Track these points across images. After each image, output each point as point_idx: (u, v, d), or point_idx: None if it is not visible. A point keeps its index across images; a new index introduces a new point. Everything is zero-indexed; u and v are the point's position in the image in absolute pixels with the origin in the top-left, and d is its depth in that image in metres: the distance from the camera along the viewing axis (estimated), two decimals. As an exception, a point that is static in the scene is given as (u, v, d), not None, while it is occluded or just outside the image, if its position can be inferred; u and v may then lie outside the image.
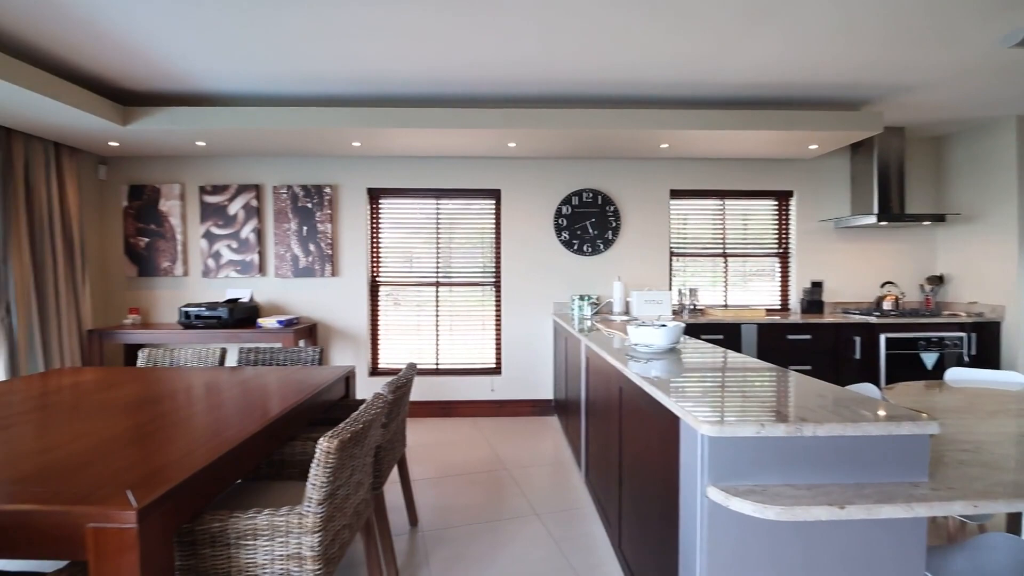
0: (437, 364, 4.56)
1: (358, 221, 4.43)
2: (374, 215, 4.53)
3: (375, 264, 4.55)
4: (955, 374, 2.56)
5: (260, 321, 4.02)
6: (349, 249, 4.43)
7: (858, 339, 3.94)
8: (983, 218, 4.19)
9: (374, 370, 4.53)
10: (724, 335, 3.93)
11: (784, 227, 4.65)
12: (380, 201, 4.53)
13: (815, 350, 3.95)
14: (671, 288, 4.56)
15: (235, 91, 3.48)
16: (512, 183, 4.47)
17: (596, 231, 4.46)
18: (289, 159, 4.40)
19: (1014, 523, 2.00)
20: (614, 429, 2.26)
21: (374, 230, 4.54)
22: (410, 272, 4.56)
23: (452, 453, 3.59)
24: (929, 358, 3.95)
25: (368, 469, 1.77)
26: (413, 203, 4.54)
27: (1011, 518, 2.00)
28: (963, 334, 3.96)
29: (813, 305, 4.42)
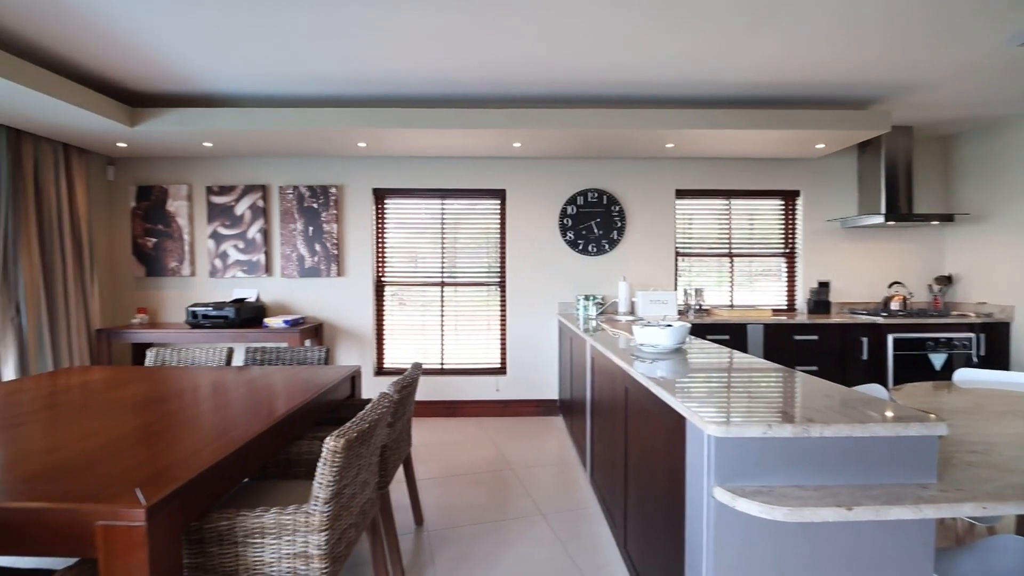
0: (442, 364, 4.57)
1: (363, 221, 4.44)
2: (379, 215, 4.54)
3: (380, 264, 4.56)
4: (964, 375, 2.54)
5: (266, 321, 4.04)
6: (355, 249, 4.45)
7: (865, 340, 3.92)
8: (992, 218, 4.16)
9: (379, 370, 4.55)
10: (730, 335, 3.91)
11: (791, 227, 4.63)
12: (385, 201, 4.54)
13: (822, 351, 3.93)
14: (676, 288, 4.55)
15: (241, 92, 3.50)
16: (517, 183, 4.47)
17: (601, 231, 4.46)
18: (295, 159, 4.42)
19: (1024, 525, 1.98)
20: (619, 429, 2.26)
21: (379, 230, 4.55)
22: (415, 272, 4.57)
23: (457, 453, 3.60)
24: (937, 359, 3.92)
25: (374, 468, 1.78)
26: (418, 203, 4.55)
27: (1021, 520, 1.98)
28: (972, 335, 3.93)
29: (820, 305, 4.40)
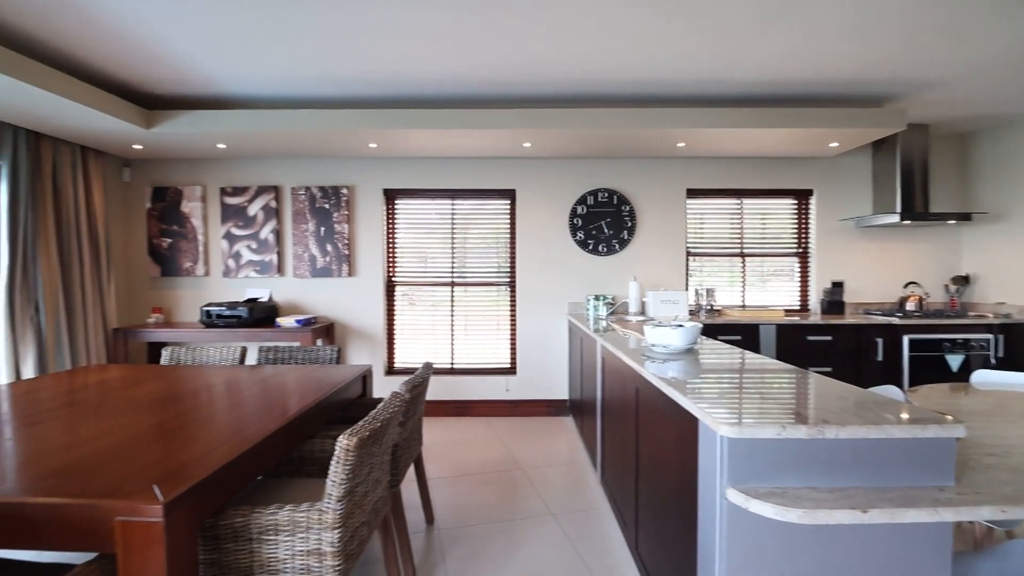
0: (452, 364, 4.58)
1: (374, 221, 4.47)
2: (390, 215, 4.57)
3: (391, 264, 4.59)
4: (982, 376, 2.50)
5: (279, 320, 4.08)
6: (365, 249, 4.47)
7: (880, 340, 3.87)
8: (1011, 217, 4.08)
9: (390, 369, 4.57)
10: (742, 336, 3.88)
11: (804, 226, 4.58)
12: (396, 202, 4.56)
13: (836, 351, 3.88)
14: (687, 288, 4.52)
15: (254, 94, 3.54)
16: (527, 183, 4.47)
17: (611, 231, 4.44)
18: (307, 160, 4.46)
19: (1044, 530, 1.95)
20: (630, 430, 2.25)
21: (390, 230, 4.58)
22: (425, 272, 4.59)
23: (467, 452, 3.61)
24: (954, 360, 3.86)
25: (386, 467, 1.79)
26: (428, 203, 4.56)
27: (1041, 525, 1.95)
28: (990, 335, 3.86)
29: (834, 306, 4.34)
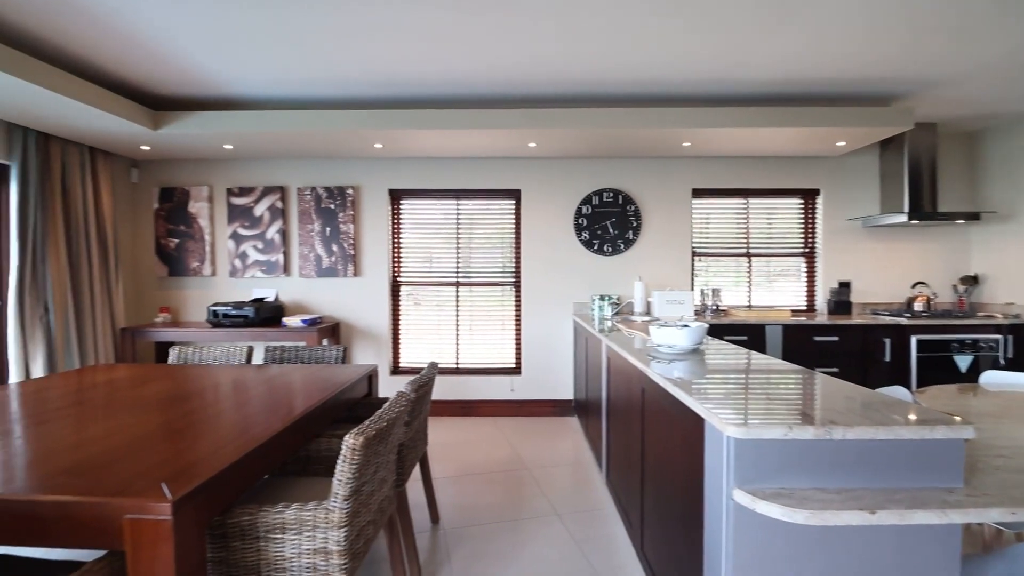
0: (457, 364, 4.59)
1: (380, 222, 4.48)
2: (395, 216, 4.58)
3: (396, 264, 4.60)
4: (990, 377, 2.48)
5: (285, 320, 4.10)
6: (371, 249, 4.49)
7: (888, 341, 3.84)
8: (1020, 216, 4.05)
9: (395, 369, 4.58)
10: (748, 336, 3.86)
11: (810, 226, 4.55)
12: (401, 202, 4.57)
13: (843, 352, 3.86)
14: (693, 288, 4.51)
15: (260, 95, 3.56)
16: (532, 183, 4.47)
17: (616, 231, 4.43)
18: (313, 161, 4.48)
19: (1054, 532, 1.93)
20: (636, 430, 2.25)
21: (395, 230, 4.59)
22: (430, 272, 4.60)
23: (472, 452, 3.61)
24: (963, 361, 3.83)
25: (391, 466, 1.79)
26: (434, 204, 4.57)
27: (1051, 527, 1.93)
28: (999, 336, 3.83)
29: (840, 306, 4.32)
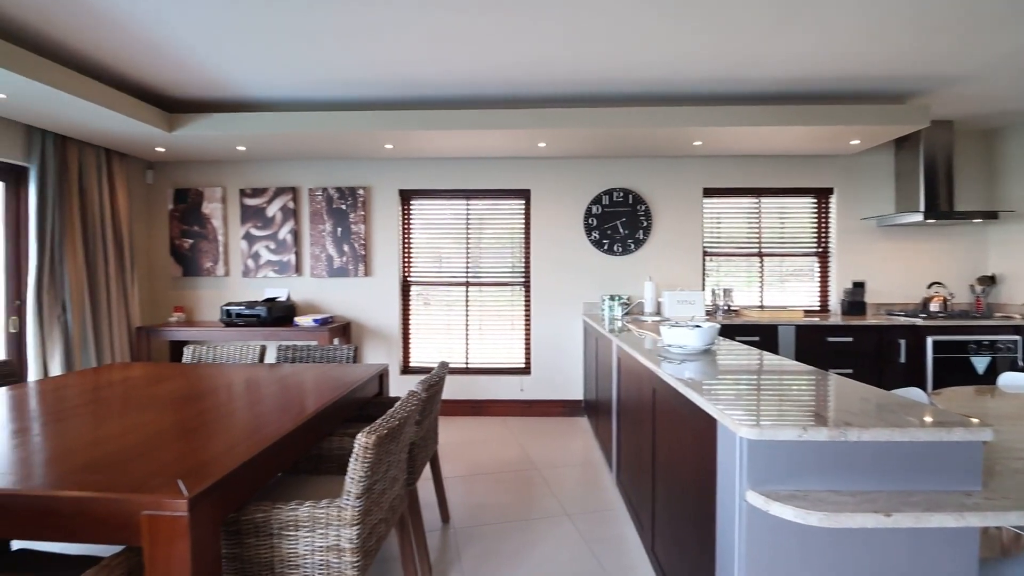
0: (467, 363, 4.60)
1: (390, 222, 4.50)
2: (405, 216, 4.60)
3: (406, 264, 4.62)
4: (1008, 379, 2.44)
5: (297, 320, 4.14)
6: (381, 249, 4.51)
7: (903, 342, 3.79)
8: (1040, 215, 3.98)
9: (405, 368, 4.60)
10: (760, 337, 3.83)
11: (824, 226, 4.50)
12: (411, 202, 4.59)
13: (857, 353, 3.81)
14: (704, 288, 4.48)
15: (273, 97, 3.60)
16: (542, 183, 4.47)
17: (627, 231, 4.42)
18: (324, 162, 4.51)
19: (1075, 537, 1.90)
20: (647, 431, 2.24)
21: (405, 231, 4.61)
22: (440, 272, 4.61)
23: (482, 452, 3.62)
24: (980, 362, 3.77)
25: (403, 465, 1.80)
26: (443, 204, 4.59)
27: (1072, 532, 1.90)
28: (1017, 337, 3.76)
29: (854, 306, 4.27)
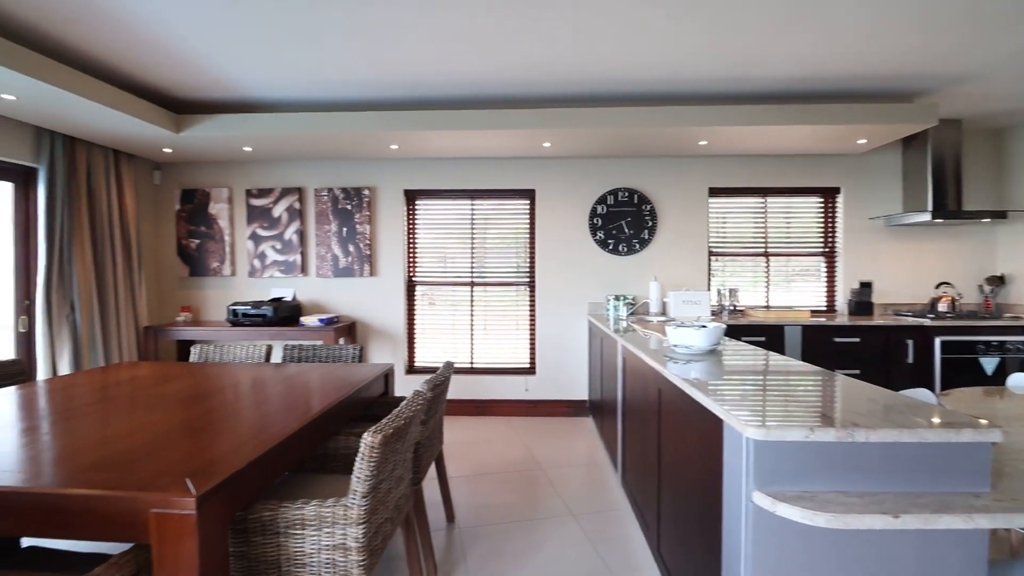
0: (472, 363, 4.60)
1: (395, 222, 4.52)
2: (411, 216, 4.61)
3: (411, 264, 4.63)
4: (1018, 380, 2.41)
5: (302, 319, 4.16)
6: (386, 249, 4.52)
7: (911, 342, 3.76)
8: (1050, 214, 3.94)
9: (410, 368, 4.61)
10: (766, 337, 3.81)
11: (830, 225, 4.48)
12: (416, 202, 4.60)
13: (864, 353, 3.79)
14: (709, 288, 4.47)
15: (279, 98, 3.61)
16: (547, 183, 4.47)
17: (632, 230, 4.41)
18: (330, 162, 4.53)
19: (1086, 540, 1.88)
20: (652, 431, 2.24)
21: (410, 231, 4.62)
22: (445, 272, 4.62)
23: (487, 451, 3.62)
24: (989, 363, 3.73)
25: (408, 465, 1.81)
26: (448, 204, 4.59)
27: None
28: (1027, 338, 3.73)
29: (862, 306, 4.24)
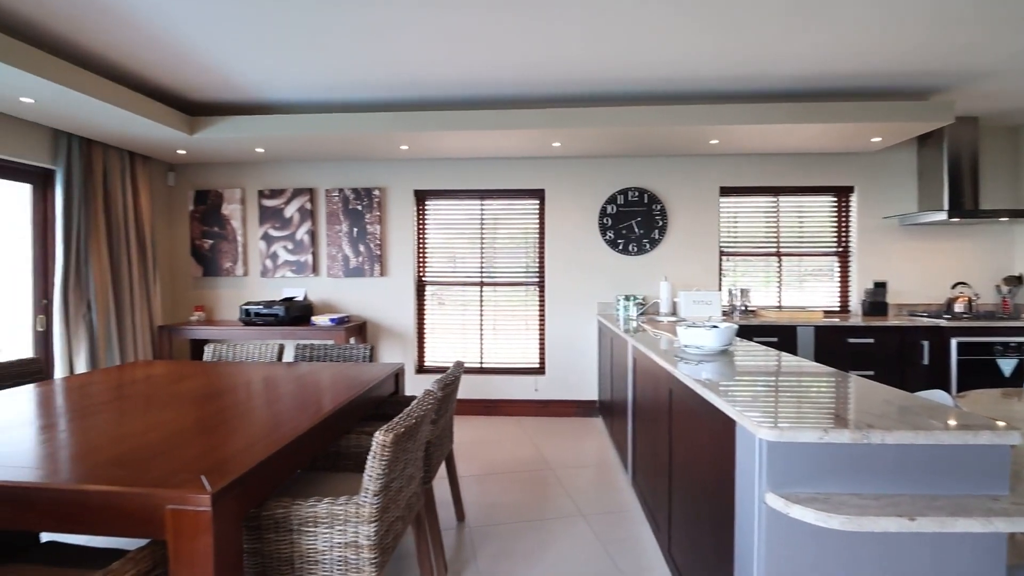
0: (481, 363, 4.61)
1: (405, 222, 4.54)
2: (420, 216, 4.63)
3: (421, 264, 4.65)
4: (1038, 382, 2.37)
5: (314, 319, 4.19)
6: (396, 249, 4.55)
7: (926, 343, 3.71)
8: (1071, 213, 3.86)
9: (420, 368, 4.63)
10: (778, 337, 3.78)
11: (844, 225, 4.43)
12: (426, 202, 4.62)
13: (878, 355, 3.74)
14: (720, 288, 4.43)
15: (291, 99, 3.64)
16: (556, 183, 4.46)
17: (642, 230, 4.39)
18: (341, 163, 4.56)
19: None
20: (663, 432, 2.22)
21: (420, 231, 4.64)
22: (455, 272, 4.63)
23: (497, 451, 3.62)
24: (1007, 364, 3.67)
25: (419, 464, 1.82)
26: (458, 204, 4.60)
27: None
28: (1047, 339, 3.66)
29: (876, 307, 4.18)
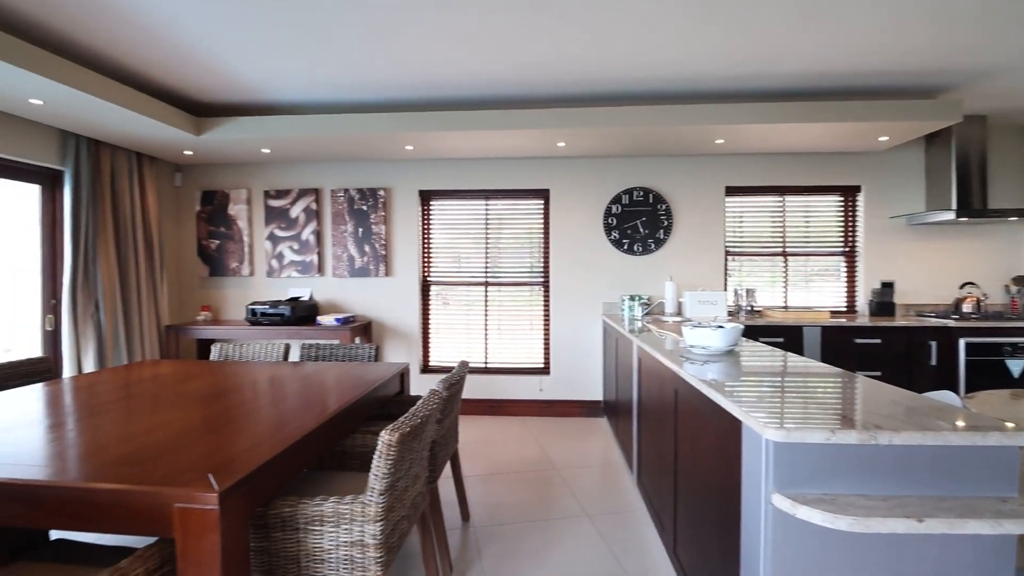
0: (486, 363, 4.61)
1: (410, 222, 4.54)
2: (425, 216, 4.64)
3: (426, 264, 4.66)
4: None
5: (319, 319, 4.20)
6: (401, 250, 4.55)
7: (934, 344, 3.68)
8: (1081, 213, 3.82)
9: (425, 367, 4.64)
10: (784, 338, 3.76)
11: (851, 224, 4.40)
12: (431, 202, 4.63)
13: (885, 355, 3.71)
14: (726, 289, 4.42)
15: (296, 100, 3.66)
16: (561, 183, 4.46)
17: (647, 230, 4.38)
18: (346, 163, 4.57)
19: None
20: (669, 432, 2.22)
21: (425, 231, 4.65)
22: (460, 272, 4.63)
23: (501, 451, 3.62)
24: (1016, 365, 3.64)
25: (424, 463, 1.82)
26: (463, 204, 4.61)
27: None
28: (1057, 340, 3.62)
29: (883, 307, 4.16)
